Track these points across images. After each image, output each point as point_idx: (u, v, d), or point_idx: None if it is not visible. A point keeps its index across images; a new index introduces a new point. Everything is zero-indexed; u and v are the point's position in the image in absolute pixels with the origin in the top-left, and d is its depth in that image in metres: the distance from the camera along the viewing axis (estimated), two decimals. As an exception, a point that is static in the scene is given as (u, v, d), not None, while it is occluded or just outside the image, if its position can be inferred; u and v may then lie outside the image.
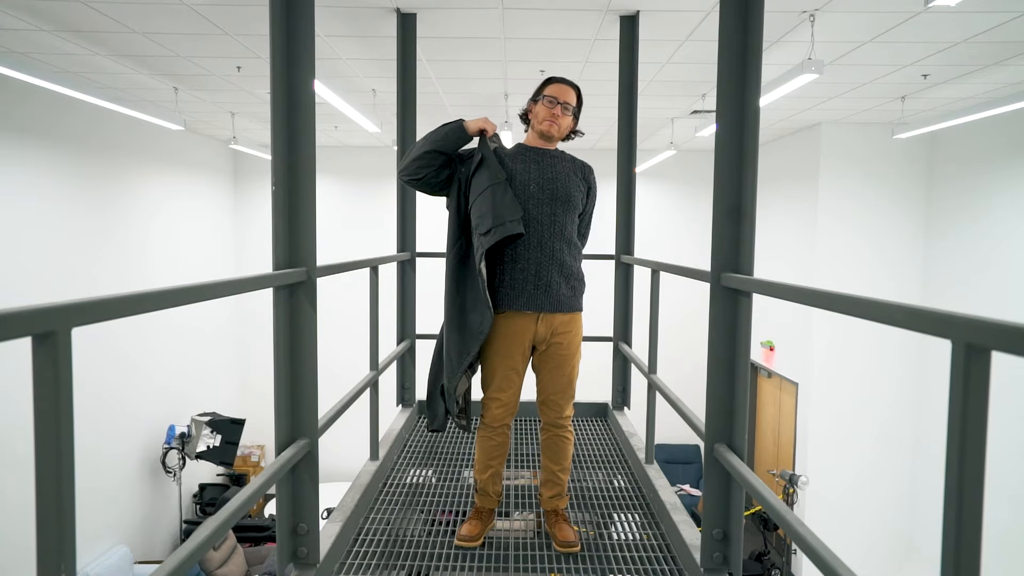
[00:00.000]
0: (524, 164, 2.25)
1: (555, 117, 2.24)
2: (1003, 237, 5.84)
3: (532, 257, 2.20)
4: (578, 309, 2.31)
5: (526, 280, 2.20)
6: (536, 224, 2.21)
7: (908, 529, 7.16)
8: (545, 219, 2.21)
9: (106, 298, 0.95)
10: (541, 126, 2.26)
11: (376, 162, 9.19)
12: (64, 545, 0.84)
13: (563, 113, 2.25)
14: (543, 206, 2.22)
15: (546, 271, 2.21)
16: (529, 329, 2.23)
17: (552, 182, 2.24)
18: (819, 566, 1.19)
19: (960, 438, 0.81)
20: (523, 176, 2.23)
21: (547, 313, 2.23)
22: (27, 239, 5.40)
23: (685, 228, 9.33)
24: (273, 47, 1.77)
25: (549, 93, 2.26)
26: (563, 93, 2.26)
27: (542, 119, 2.25)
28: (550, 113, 2.24)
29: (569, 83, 2.29)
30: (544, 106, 2.25)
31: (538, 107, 2.27)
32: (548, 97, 2.25)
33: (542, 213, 2.21)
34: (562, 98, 2.25)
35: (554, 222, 2.22)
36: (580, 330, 2.33)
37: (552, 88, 2.27)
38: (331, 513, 2.39)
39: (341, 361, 6.26)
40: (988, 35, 3.95)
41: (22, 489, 4.94)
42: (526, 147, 2.31)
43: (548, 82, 2.30)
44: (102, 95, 4.84)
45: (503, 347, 2.24)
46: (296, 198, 1.83)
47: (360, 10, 3.76)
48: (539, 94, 2.29)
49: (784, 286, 1.43)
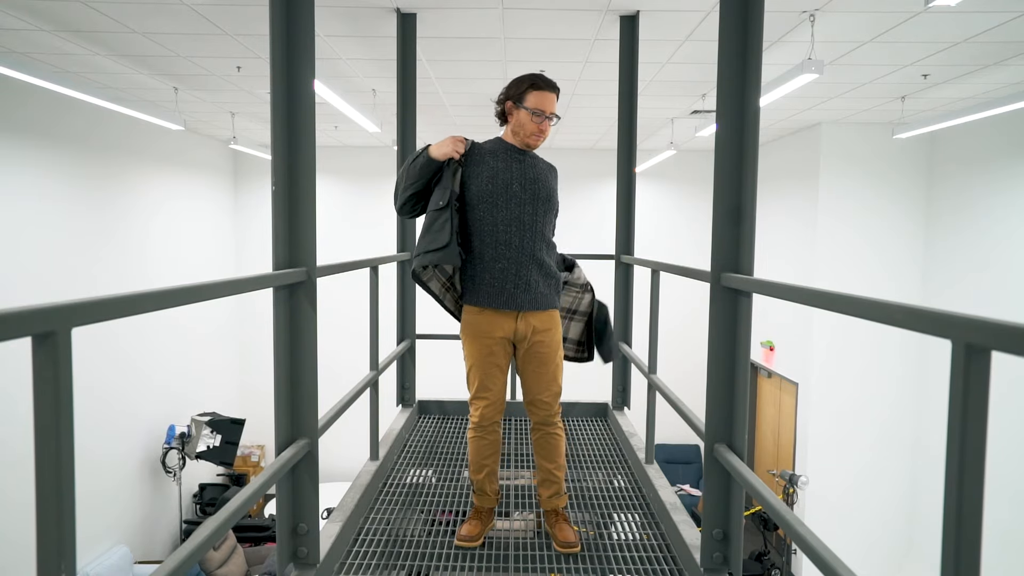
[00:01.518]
0: (506, 163, 2.23)
1: (542, 132, 2.20)
2: (1003, 237, 5.84)
3: (513, 256, 2.21)
4: (556, 307, 2.33)
5: (506, 279, 2.21)
6: (518, 223, 2.21)
7: (908, 529, 7.16)
8: (527, 219, 2.21)
9: (106, 298, 0.95)
10: (528, 139, 2.22)
11: (376, 162, 9.19)
12: (64, 545, 0.84)
13: (548, 125, 2.22)
14: (525, 206, 2.22)
15: (526, 270, 2.22)
16: (509, 326, 2.24)
17: (534, 183, 2.24)
18: (819, 566, 1.19)
19: (960, 438, 0.81)
20: (505, 175, 2.22)
21: (526, 312, 2.24)
22: (27, 239, 5.40)
23: (685, 228, 9.33)
24: (273, 47, 1.77)
25: (534, 106, 2.18)
26: (548, 103, 2.19)
27: (529, 133, 2.21)
28: (538, 129, 2.20)
29: (552, 88, 2.22)
30: (532, 121, 2.19)
31: (522, 116, 2.21)
32: (534, 111, 2.18)
33: (524, 212, 2.21)
34: (548, 110, 2.19)
35: (535, 222, 2.23)
36: (559, 327, 2.36)
37: (536, 99, 2.18)
38: (331, 513, 2.39)
39: (341, 361, 6.26)
40: (988, 35, 3.95)
41: (22, 489, 4.94)
42: (506, 144, 2.28)
43: (530, 88, 2.20)
44: (102, 95, 4.84)
45: (484, 345, 2.25)
46: (296, 198, 1.83)
47: (360, 10, 3.76)
48: (521, 100, 2.20)
49: (784, 286, 1.43)
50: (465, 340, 2.31)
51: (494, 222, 2.20)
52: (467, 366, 2.31)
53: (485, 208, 2.20)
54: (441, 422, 3.82)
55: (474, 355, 2.28)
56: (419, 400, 3.87)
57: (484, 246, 2.21)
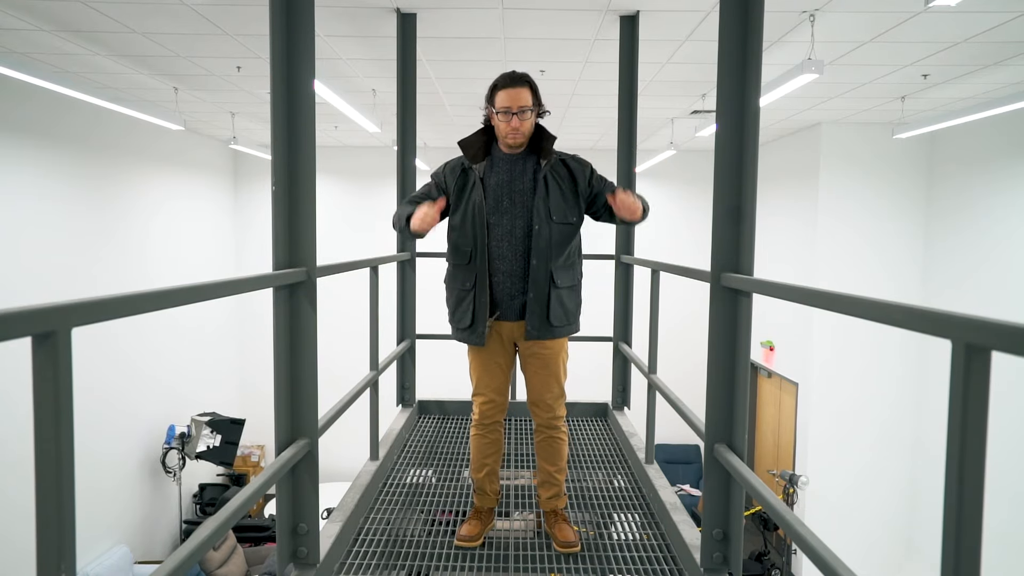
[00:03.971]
0: (498, 177, 2.21)
1: (516, 129, 2.14)
2: (1002, 237, 5.84)
3: (506, 270, 2.21)
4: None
5: (503, 292, 2.21)
6: (510, 238, 2.20)
7: (908, 529, 7.16)
8: (519, 232, 2.19)
9: (106, 298, 0.95)
10: (506, 140, 2.18)
11: (376, 162, 9.19)
12: (64, 545, 0.84)
13: (521, 121, 2.13)
14: (516, 219, 2.20)
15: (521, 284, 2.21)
16: (505, 325, 2.25)
17: (523, 194, 2.20)
18: (819, 566, 1.19)
19: (960, 438, 0.81)
20: (497, 191, 2.20)
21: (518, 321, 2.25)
22: (27, 239, 5.40)
23: (685, 228, 9.33)
24: (273, 47, 1.77)
25: (501, 105, 2.13)
26: (515, 99, 2.12)
27: (504, 134, 2.17)
28: (510, 128, 2.14)
29: (518, 81, 2.14)
30: (501, 122, 2.15)
31: (497, 120, 2.17)
32: (501, 111, 2.13)
33: (516, 227, 2.20)
34: (516, 106, 2.12)
35: (527, 236, 2.19)
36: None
37: (502, 98, 2.13)
38: (331, 513, 2.39)
39: (341, 361, 6.26)
40: (988, 35, 3.95)
41: (22, 489, 4.94)
42: (502, 154, 2.24)
43: (495, 90, 2.16)
44: (102, 95, 4.84)
45: (487, 344, 2.25)
46: (296, 198, 1.83)
47: (360, 10, 3.76)
48: (492, 104, 2.17)
49: (784, 286, 1.43)
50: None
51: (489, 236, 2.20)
52: (469, 362, 2.32)
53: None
54: (441, 422, 3.82)
55: (476, 353, 2.29)
56: (419, 400, 3.87)
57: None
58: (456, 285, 2.26)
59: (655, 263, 2.68)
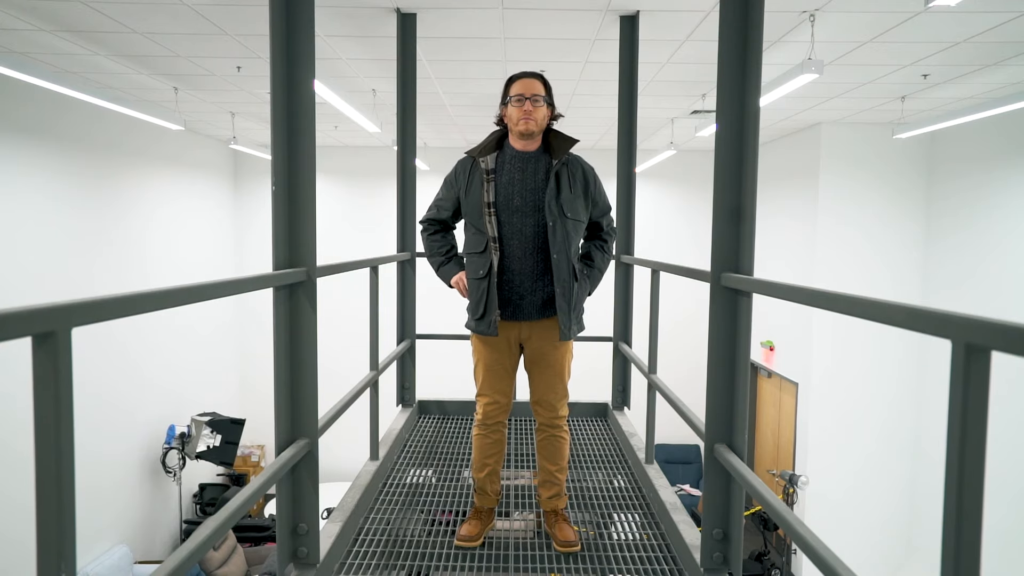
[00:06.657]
0: (510, 175, 2.23)
1: (528, 113, 2.17)
2: (1003, 237, 5.84)
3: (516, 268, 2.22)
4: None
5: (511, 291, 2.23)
6: (520, 236, 2.21)
7: (908, 529, 7.16)
8: (528, 231, 2.21)
9: (106, 298, 0.94)
10: (518, 127, 2.20)
11: (376, 162, 9.19)
12: (64, 545, 0.84)
13: (534, 106, 2.17)
14: (527, 218, 2.21)
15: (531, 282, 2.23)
16: (513, 327, 2.26)
17: (534, 192, 2.22)
18: (819, 566, 1.19)
19: (960, 438, 0.81)
20: (508, 189, 2.22)
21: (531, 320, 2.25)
22: (26, 239, 5.39)
23: (685, 228, 9.33)
24: (273, 47, 1.77)
25: (515, 92, 2.20)
26: (528, 87, 2.19)
27: (516, 120, 2.20)
28: (522, 111, 2.18)
29: (531, 74, 2.23)
30: (514, 107, 2.19)
31: (509, 110, 2.22)
32: (515, 96, 2.19)
33: (525, 226, 2.21)
34: (529, 92, 2.18)
35: (537, 235, 2.21)
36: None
37: (516, 86, 2.21)
38: (331, 513, 2.39)
39: (341, 361, 6.26)
40: (988, 35, 3.95)
41: (22, 489, 4.94)
42: (514, 151, 2.26)
43: (510, 82, 2.24)
44: (102, 95, 4.84)
45: (490, 344, 2.27)
46: (296, 198, 1.83)
47: (360, 10, 3.76)
48: (506, 97, 2.23)
49: (784, 286, 1.43)
50: (473, 337, 2.32)
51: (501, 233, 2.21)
52: (474, 362, 2.32)
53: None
54: (441, 422, 3.82)
55: (481, 353, 2.30)
56: (419, 400, 3.87)
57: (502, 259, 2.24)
58: (470, 274, 2.29)
59: (655, 263, 2.68)
